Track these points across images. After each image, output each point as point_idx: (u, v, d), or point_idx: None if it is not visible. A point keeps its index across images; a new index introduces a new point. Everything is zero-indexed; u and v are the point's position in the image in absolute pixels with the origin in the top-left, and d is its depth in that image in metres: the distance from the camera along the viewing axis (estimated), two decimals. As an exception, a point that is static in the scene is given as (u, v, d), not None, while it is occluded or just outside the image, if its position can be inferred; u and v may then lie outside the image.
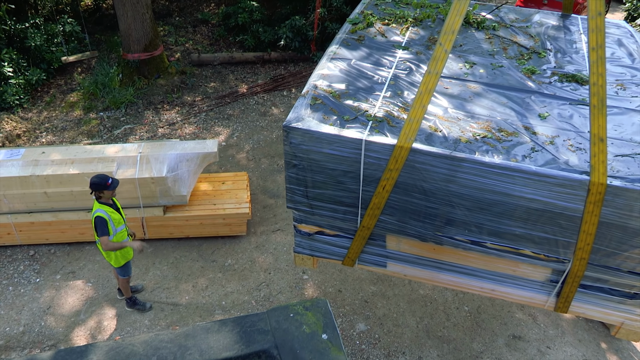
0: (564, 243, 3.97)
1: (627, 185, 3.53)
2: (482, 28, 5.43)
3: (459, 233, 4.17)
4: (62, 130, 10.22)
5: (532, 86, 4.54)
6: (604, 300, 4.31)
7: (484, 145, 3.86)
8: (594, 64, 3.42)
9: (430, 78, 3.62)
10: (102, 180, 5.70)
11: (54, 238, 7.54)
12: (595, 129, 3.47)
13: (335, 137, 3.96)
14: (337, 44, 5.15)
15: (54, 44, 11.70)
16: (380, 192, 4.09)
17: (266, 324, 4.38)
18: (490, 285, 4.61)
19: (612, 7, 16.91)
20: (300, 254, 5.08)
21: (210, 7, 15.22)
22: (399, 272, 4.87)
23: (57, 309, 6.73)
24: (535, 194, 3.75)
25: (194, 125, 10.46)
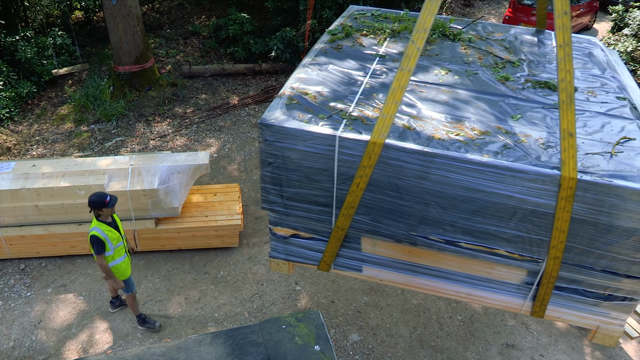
0: (538, 241, 3.99)
1: (597, 180, 3.58)
2: (458, 40, 5.56)
3: (433, 232, 4.18)
4: (53, 142, 10.19)
5: (506, 91, 4.63)
6: (579, 303, 4.33)
7: (457, 143, 3.91)
8: (561, 61, 3.50)
9: (402, 75, 3.67)
10: (100, 198, 5.66)
11: (45, 251, 7.49)
12: (565, 124, 3.53)
13: (309, 133, 3.99)
14: (316, 52, 5.22)
15: (44, 57, 11.70)
16: (354, 190, 4.09)
17: (258, 336, 4.36)
18: (466, 289, 4.60)
19: (598, 18, 17.13)
20: (276, 259, 5.04)
21: (201, 19, 15.28)
22: (375, 276, 4.84)
23: (48, 323, 6.67)
24: (507, 190, 3.79)
25: (185, 137, 10.46)
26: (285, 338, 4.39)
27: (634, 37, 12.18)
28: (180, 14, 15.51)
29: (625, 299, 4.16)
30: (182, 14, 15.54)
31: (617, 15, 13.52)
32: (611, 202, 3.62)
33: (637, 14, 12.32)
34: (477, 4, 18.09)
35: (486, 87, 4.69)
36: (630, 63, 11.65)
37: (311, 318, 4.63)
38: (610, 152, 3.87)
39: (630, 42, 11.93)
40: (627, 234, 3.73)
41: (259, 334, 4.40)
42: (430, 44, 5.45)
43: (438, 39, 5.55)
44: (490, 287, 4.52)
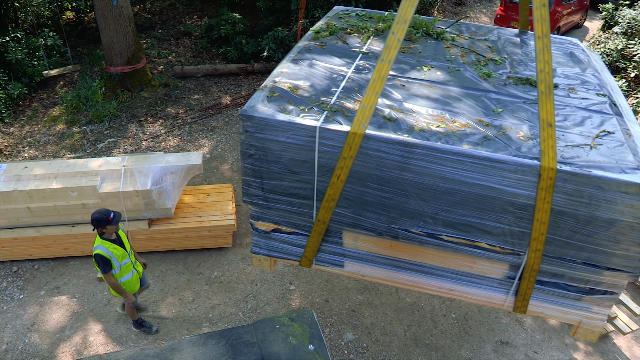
0: (519, 233, 3.99)
1: (576, 170, 3.62)
2: (441, 39, 5.62)
3: (414, 225, 4.15)
4: (44, 144, 10.14)
5: (488, 87, 4.66)
6: (561, 298, 4.34)
7: (437, 134, 3.92)
8: (540, 52, 3.54)
9: (383, 66, 3.68)
10: (103, 215, 5.51)
11: (37, 254, 7.45)
12: (544, 114, 3.56)
13: (290, 124, 3.98)
14: (299, 49, 5.23)
15: (35, 58, 11.63)
16: (335, 182, 4.06)
17: (252, 336, 4.37)
18: (449, 285, 4.59)
19: (589, 16, 17.22)
20: (258, 255, 4.99)
21: (193, 19, 15.24)
22: (357, 272, 4.79)
23: (41, 326, 6.64)
24: (488, 181, 3.79)
25: (178, 138, 10.43)
26: (279, 338, 4.40)
27: (624, 34, 12.26)
28: (172, 14, 15.46)
29: (606, 293, 4.19)
30: (173, 14, 15.49)
31: (607, 13, 13.60)
32: (590, 192, 3.65)
33: (627, 12, 12.40)
34: (469, 3, 18.14)
35: (468, 83, 4.71)
36: (620, 61, 11.73)
37: (305, 318, 4.64)
38: (590, 144, 3.91)
39: (620, 40, 12.00)
40: (607, 225, 3.75)
41: (252, 334, 4.41)
42: (414, 42, 5.49)
43: (422, 37, 5.60)
44: (472, 282, 4.51)
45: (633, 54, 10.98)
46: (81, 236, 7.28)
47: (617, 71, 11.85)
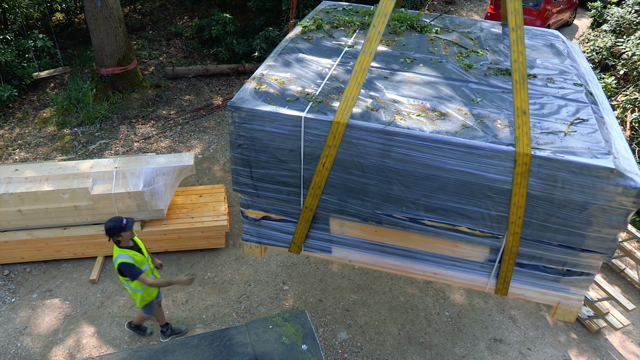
0: (497, 217, 4.12)
1: (550, 156, 3.75)
2: (425, 32, 5.77)
3: (397, 210, 4.30)
4: (35, 146, 10.08)
5: (468, 77, 4.79)
6: (540, 280, 4.48)
7: (418, 123, 4.05)
8: (514, 43, 3.67)
9: (364, 57, 3.86)
10: (116, 223, 5.39)
11: (29, 256, 7.41)
12: (518, 102, 3.71)
13: (276, 115, 4.13)
14: (287, 43, 5.35)
15: (25, 60, 11.56)
16: (320, 170, 4.22)
17: (245, 336, 4.37)
18: (433, 269, 4.73)
19: (578, 14, 17.32)
20: (248, 242, 5.14)
21: (184, 20, 15.20)
22: (344, 257, 4.94)
23: (33, 329, 6.60)
24: (466, 167, 3.93)
25: (169, 139, 10.40)
26: (272, 338, 4.40)
27: (613, 32, 12.34)
28: (162, 15, 15.41)
29: (583, 274, 4.34)
30: (164, 15, 15.44)
31: (596, 11, 13.70)
32: (564, 177, 3.79)
33: (615, 10, 12.48)
34: (459, 1, 18.20)
35: (449, 73, 4.85)
36: (610, 58, 11.80)
37: (298, 317, 4.64)
38: (564, 131, 4.05)
39: (609, 37, 12.08)
40: (580, 208, 3.89)
41: (245, 334, 4.41)
42: (399, 35, 5.62)
43: (406, 31, 5.73)
44: (455, 265, 4.65)
45: (622, 51, 11.06)
46: (73, 238, 7.25)
47: (606, 69, 11.93)
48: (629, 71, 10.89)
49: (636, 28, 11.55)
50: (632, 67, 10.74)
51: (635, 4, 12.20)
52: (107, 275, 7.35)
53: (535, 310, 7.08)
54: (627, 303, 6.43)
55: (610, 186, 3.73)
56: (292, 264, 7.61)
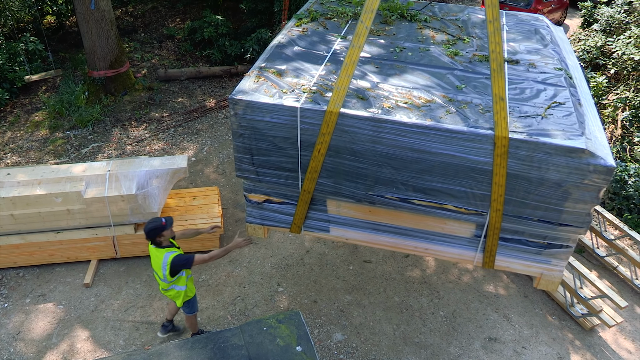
0: (480, 196, 4.42)
1: (526, 138, 4.03)
2: (415, 21, 6.02)
3: (388, 191, 4.62)
4: (27, 150, 10.03)
5: (454, 65, 5.07)
6: (523, 253, 4.78)
7: (405, 110, 4.33)
8: (491, 34, 3.90)
9: (353, 51, 4.13)
10: (156, 222, 5.43)
11: (22, 261, 7.37)
12: (496, 89, 3.95)
13: (274, 106, 4.42)
14: (283, 35, 5.62)
15: (16, 63, 11.50)
16: (316, 155, 4.54)
17: (240, 338, 4.36)
18: (424, 244, 5.05)
19: (569, 14, 17.41)
20: (252, 224, 5.45)
21: (176, 22, 15.18)
22: (341, 236, 5.26)
23: (27, 334, 6.57)
24: (450, 150, 4.22)
25: (162, 141, 10.38)
26: (266, 340, 4.40)
27: (603, 32, 12.42)
28: (154, 18, 15.38)
29: (562, 247, 4.64)
30: (156, 17, 15.42)
31: (587, 11, 13.78)
32: (539, 157, 4.07)
33: (605, 10, 12.56)
34: (453, 1, 18.26)
35: (436, 61, 5.13)
36: (600, 57, 11.88)
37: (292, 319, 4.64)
38: (542, 114, 4.31)
39: (599, 37, 12.16)
40: (556, 186, 4.18)
41: (240, 336, 4.40)
42: (389, 25, 5.90)
43: (396, 20, 6.00)
44: (444, 241, 4.97)
45: (612, 50, 11.13)
46: (66, 242, 7.22)
47: (597, 68, 12.00)
48: (620, 70, 10.97)
49: (626, 27, 11.63)
50: (622, 66, 10.81)
51: (624, 4, 12.29)
52: (101, 279, 7.32)
53: (530, 308, 7.11)
54: (620, 300, 6.47)
55: (583, 165, 4.00)
56: (286, 266, 7.61)
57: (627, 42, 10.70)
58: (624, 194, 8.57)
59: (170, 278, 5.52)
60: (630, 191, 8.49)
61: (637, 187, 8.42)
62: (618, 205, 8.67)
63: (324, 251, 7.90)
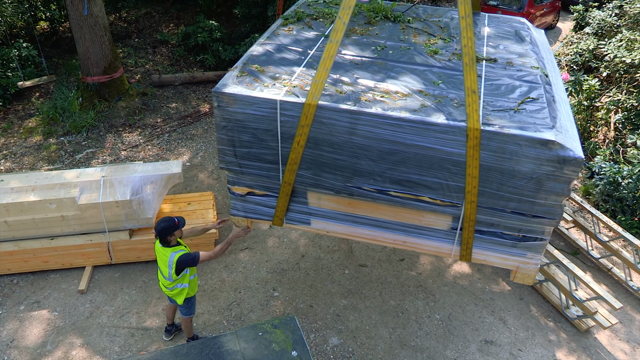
0: (455, 187, 4.50)
1: (497, 130, 4.12)
2: (398, 22, 6.15)
3: (365, 183, 4.71)
4: (21, 156, 9.99)
5: (433, 62, 5.17)
6: (499, 245, 4.84)
7: (381, 103, 4.43)
8: (463, 30, 3.98)
9: (331, 46, 4.27)
10: (169, 222, 5.48)
11: (16, 268, 7.33)
12: (468, 83, 4.03)
13: (254, 98, 4.54)
14: (269, 34, 5.78)
15: (9, 69, 11.46)
16: (295, 147, 4.64)
17: (235, 344, 4.35)
18: (402, 237, 5.11)
19: (561, 17, 17.52)
20: (236, 217, 5.51)
21: (169, 27, 15.17)
22: (322, 228, 5.32)
23: (21, 341, 6.53)
24: (424, 142, 4.31)
25: (157, 147, 10.36)
26: (262, 345, 4.39)
27: (595, 35, 12.50)
28: (148, 23, 15.37)
29: (537, 240, 4.69)
30: (150, 22, 15.41)
31: (578, 14, 13.86)
32: (511, 149, 4.15)
33: (597, 14, 12.64)
34: (444, 4, 18.34)
35: (416, 59, 5.24)
36: (593, 60, 11.95)
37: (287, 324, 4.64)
38: (514, 108, 4.40)
39: (591, 40, 12.23)
40: (527, 177, 4.26)
41: (235, 342, 4.39)
42: (373, 25, 6.04)
43: (380, 21, 6.14)
44: (422, 234, 5.03)
45: (604, 53, 11.20)
46: (61, 249, 7.19)
47: (589, 70, 12.07)
48: (612, 73, 11.04)
49: (617, 31, 11.71)
50: (614, 69, 10.88)
51: (615, 8, 12.38)
52: (95, 285, 7.29)
53: (526, 311, 7.13)
54: (615, 302, 6.49)
55: (553, 156, 4.08)
56: (282, 270, 7.60)
57: (619, 45, 10.78)
58: (618, 195, 8.61)
59: (176, 276, 5.57)
60: (623, 193, 8.53)
61: (631, 189, 8.47)
62: (612, 207, 8.72)
63: (319, 255, 7.89)
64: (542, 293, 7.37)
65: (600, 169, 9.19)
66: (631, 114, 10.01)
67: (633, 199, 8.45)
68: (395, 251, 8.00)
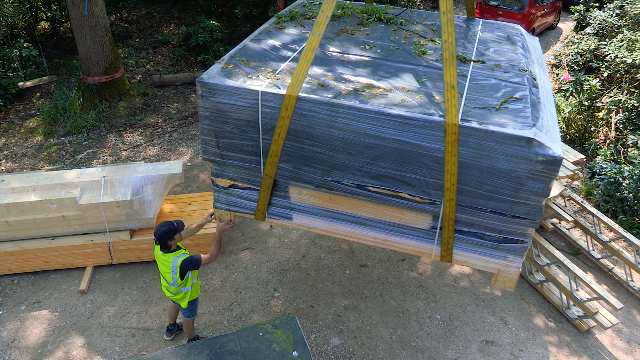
0: (434, 184, 4.47)
1: (476, 126, 4.09)
2: (390, 23, 6.21)
3: (344, 177, 4.70)
4: (21, 157, 10.00)
5: (420, 62, 5.19)
6: (480, 247, 4.79)
7: (361, 97, 4.45)
8: (444, 25, 3.99)
9: (313, 38, 4.29)
10: (168, 226, 5.48)
11: (17, 268, 7.34)
12: (448, 78, 4.02)
13: (237, 89, 4.57)
14: (260, 30, 5.82)
15: (10, 69, 11.47)
16: (276, 139, 4.65)
17: (236, 344, 4.35)
18: (383, 235, 5.08)
19: (562, 17, 17.51)
20: (219, 209, 5.54)
21: (170, 27, 15.18)
22: (304, 224, 5.30)
23: (22, 342, 6.53)
24: (403, 136, 4.29)
25: (157, 147, 10.37)
26: (262, 345, 4.39)
27: (596, 35, 12.49)
28: (149, 23, 15.38)
29: (518, 242, 4.65)
30: (150, 23, 15.42)
31: (579, 15, 13.86)
32: (490, 146, 4.12)
33: (597, 14, 12.64)
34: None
35: (403, 58, 5.26)
36: (594, 61, 11.94)
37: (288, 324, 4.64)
38: (496, 107, 4.39)
39: (592, 40, 12.23)
40: (506, 175, 4.21)
41: (236, 342, 4.39)
42: (365, 26, 6.10)
43: (373, 23, 6.20)
44: (403, 232, 4.99)
45: (605, 54, 11.20)
46: (62, 249, 7.19)
47: (590, 71, 12.07)
48: (613, 73, 11.03)
49: (618, 31, 11.71)
50: (615, 69, 10.88)
51: (616, 8, 12.37)
52: (96, 285, 7.30)
53: (527, 311, 7.12)
54: (616, 302, 6.49)
55: (531, 155, 4.04)
56: (282, 271, 7.61)
57: (620, 46, 10.77)
58: (619, 196, 8.61)
59: (180, 281, 5.57)
60: (624, 193, 8.53)
61: (631, 189, 8.46)
62: (613, 208, 8.71)
63: (320, 256, 7.89)
64: (543, 293, 7.36)
65: (601, 169, 9.19)
66: (632, 114, 10.01)
67: (634, 200, 8.44)
68: (395, 251, 8.00)
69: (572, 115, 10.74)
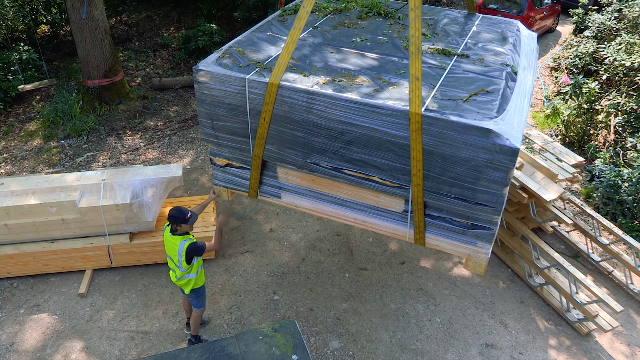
0: (402, 169, 4.70)
1: (437, 115, 4.28)
2: (388, 18, 6.42)
3: (322, 160, 5.01)
4: (21, 160, 10.00)
5: (405, 55, 5.40)
6: (450, 232, 5.01)
7: (337, 86, 4.71)
8: (412, 21, 4.19)
9: (294, 32, 4.65)
10: (180, 213, 5.64)
11: (16, 271, 7.33)
12: (413, 70, 4.22)
13: (227, 76, 4.97)
14: (262, 23, 6.16)
15: (10, 72, 11.48)
16: (262, 123, 5.02)
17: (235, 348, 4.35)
18: (361, 216, 5.38)
19: (561, 21, 17.54)
20: (217, 186, 5.98)
21: (170, 31, 15.20)
22: (291, 203, 5.68)
23: (21, 345, 6.52)
24: (371, 123, 4.55)
25: (157, 150, 10.37)
26: (262, 349, 4.38)
27: (594, 38, 12.51)
28: (148, 26, 15.40)
29: (485, 228, 4.83)
30: (150, 26, 15.44)
31: (578, 18, 13.88)
32: (451, 135, 4.30)
33: (596, 17, 12.66)
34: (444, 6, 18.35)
35: (389, 51, 5.49)
36: (592, 64, 11.96)
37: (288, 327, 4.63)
38: (464, 99, 4.54)
39: (591, 43, 12.25)
40: (467, 163, 4.38)
41: (235, 346, 4.39)
42: (363, 20, 6.33)
43: (372, 17, 6.44)
44: (379, 214, 5.28)
45: (603, 57, 11.21)
46: (61, 252, 7.19)
47: (589, 74, 12.08)
48: (611, 76, 11.04)
49: (616, 34, 11.73)
50: (614, 72, 10.89)
51: (614, 11, 12.40)
52: (96, 288, 7.29)
53: (526, 314, 7.12)
54: (616, 305, 6.48)
55: (489, 145, 4.20)
56: (282, 274, 7.60)
57: (618, 49, 10.79)
58: (618, 198, 8.61)
59: (186, 265, 5.70)
60: (624, 196, 8.53)
61: (631, 192, 8.47)
62: (612, 210, 8.71)
63: (319, 259, 7.89)
64: (543, 296, 7.36)
65: (600, 172, 9.19)
66: (631, 117, 10.02)
67: (633, 202, 8.45)
68: (395, 254, 7.99)
69: (571, 118, 10.75)
